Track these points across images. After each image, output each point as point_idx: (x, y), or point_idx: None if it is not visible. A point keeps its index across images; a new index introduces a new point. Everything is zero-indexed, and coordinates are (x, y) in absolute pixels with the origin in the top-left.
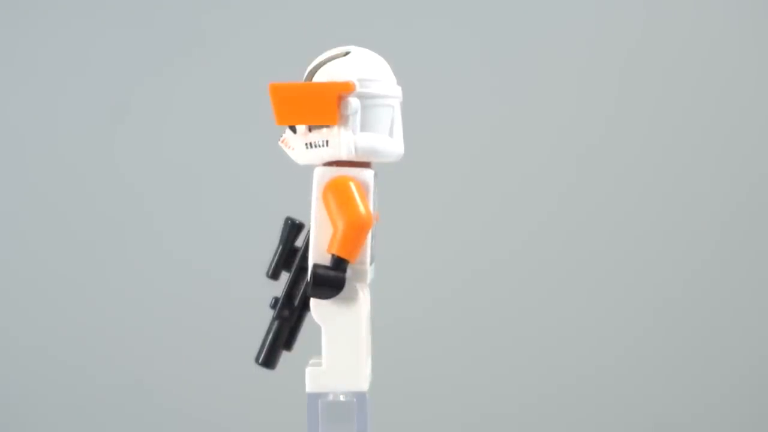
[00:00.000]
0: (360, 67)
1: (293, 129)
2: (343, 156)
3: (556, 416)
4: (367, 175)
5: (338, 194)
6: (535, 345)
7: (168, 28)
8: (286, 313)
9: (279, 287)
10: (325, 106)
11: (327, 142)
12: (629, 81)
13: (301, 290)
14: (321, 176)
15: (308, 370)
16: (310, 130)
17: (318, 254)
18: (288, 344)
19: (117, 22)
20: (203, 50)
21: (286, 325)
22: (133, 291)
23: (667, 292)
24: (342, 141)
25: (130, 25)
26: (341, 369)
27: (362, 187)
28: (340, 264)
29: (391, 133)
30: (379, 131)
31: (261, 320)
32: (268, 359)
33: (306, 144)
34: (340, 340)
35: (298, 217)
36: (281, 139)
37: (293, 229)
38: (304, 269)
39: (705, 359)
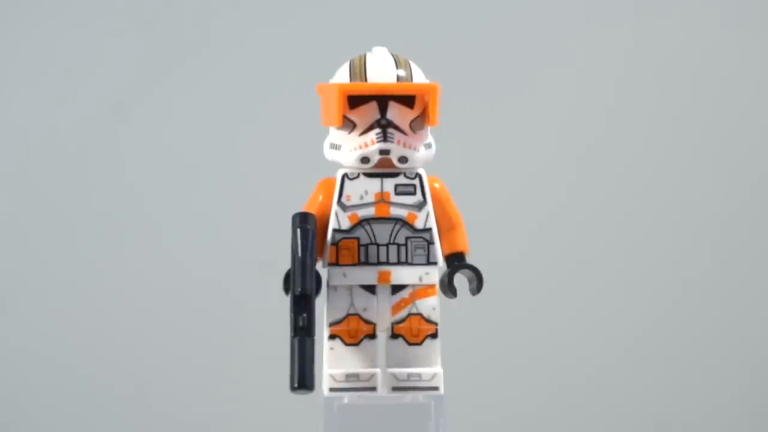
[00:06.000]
0: None
1: (418, 129)
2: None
3: (557, 416)
4: None
5: (448, 194)
6: (547, 347)
7: (174, 29)
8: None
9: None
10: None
11: (431, 144)
12: (629, 81)
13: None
14: (426, 178)
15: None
16: (414, 132)
17: (436, 256)
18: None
19: (122, 22)
20: (212, 51)
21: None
22: (134, 292)
23: (668, 294)
24: (433, 142)
25: (135, 26)
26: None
27: None
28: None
29: None
30: None
31: (265, 321)
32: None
33: (424, 145)
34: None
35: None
36: (396, 139)
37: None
38: None
39: (706, 360)
